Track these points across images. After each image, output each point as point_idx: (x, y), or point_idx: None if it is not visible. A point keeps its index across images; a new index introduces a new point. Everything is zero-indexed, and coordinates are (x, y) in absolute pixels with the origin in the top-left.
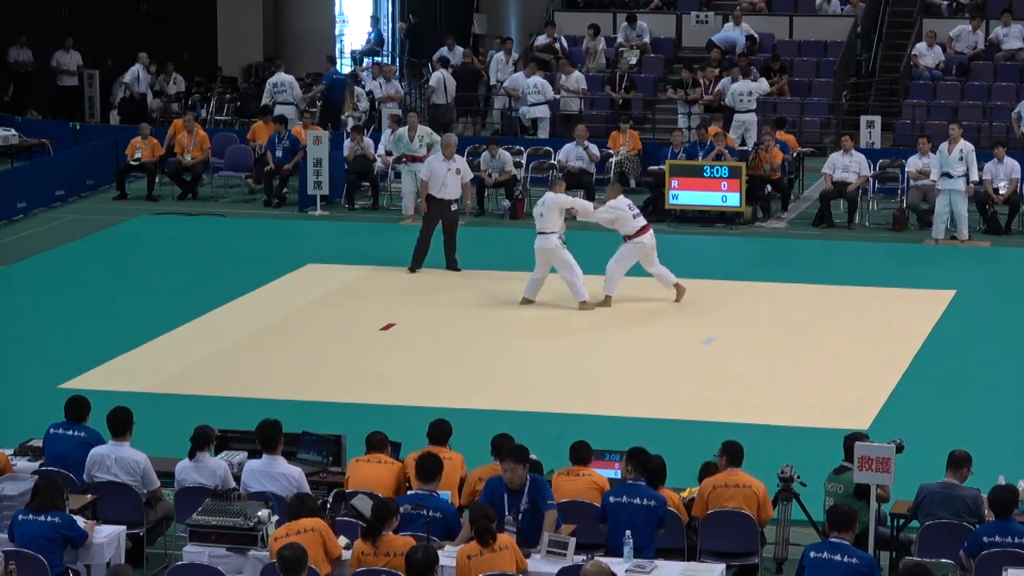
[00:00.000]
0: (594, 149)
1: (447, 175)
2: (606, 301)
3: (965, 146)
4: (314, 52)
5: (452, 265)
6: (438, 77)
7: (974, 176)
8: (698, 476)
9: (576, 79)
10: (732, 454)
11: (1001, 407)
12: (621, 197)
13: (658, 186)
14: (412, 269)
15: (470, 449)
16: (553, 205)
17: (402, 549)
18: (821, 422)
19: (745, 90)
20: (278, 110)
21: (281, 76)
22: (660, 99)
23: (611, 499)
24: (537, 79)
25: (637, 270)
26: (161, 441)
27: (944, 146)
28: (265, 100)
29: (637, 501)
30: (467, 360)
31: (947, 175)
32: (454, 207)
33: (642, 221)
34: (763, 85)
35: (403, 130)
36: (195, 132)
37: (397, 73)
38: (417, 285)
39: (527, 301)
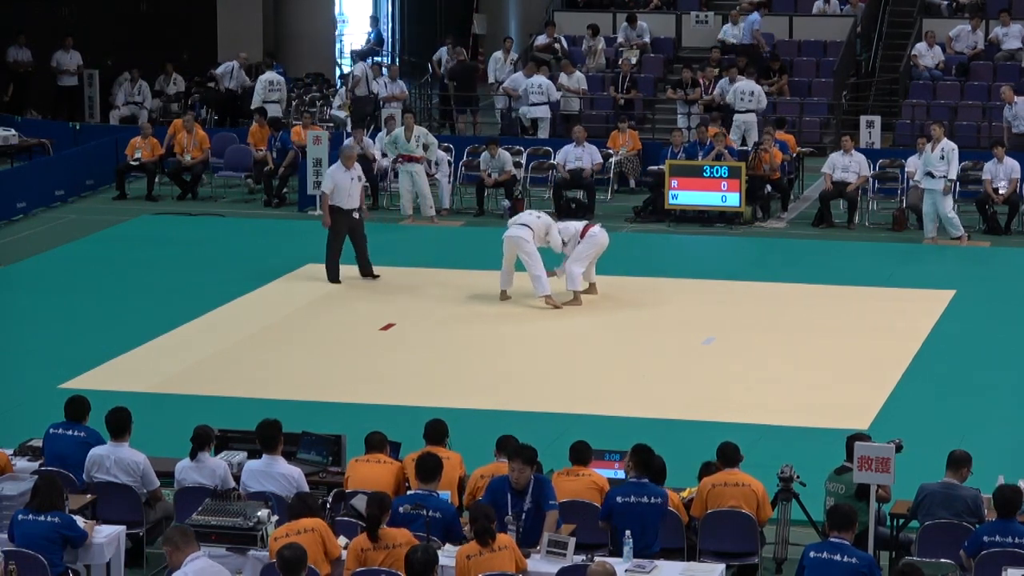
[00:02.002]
0: (596, 156)
1: (351, 184)
2: (576, 299)
3: (947, 145)
4: (314, 52)
5: (368, 272)
6: (362, 68)
7: (952, 175)
8: (698, 476)
9: (577, 79)
10: (724, 456)
11: (1001, 407)
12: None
13: (658, 186)
14: (333, 280)
15: (470, 449)
16: (545, 219)
17: (401, 540)
18: (821, 422)
19: (748, 89)
20: (268, 108)
21: (273, 74)
22: (660, 99)
23: (618, 499)
24: (541, 79)
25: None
26: (161, 441)
27: (928, 146)
28: (256, 101)
29: (645, 500)
30: (467, 360)
31: (930, 175)
32: (356, 215)
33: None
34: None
35: (400, 130)
36: (195, 132)
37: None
38: (416, 285)
39: (505, 295)
